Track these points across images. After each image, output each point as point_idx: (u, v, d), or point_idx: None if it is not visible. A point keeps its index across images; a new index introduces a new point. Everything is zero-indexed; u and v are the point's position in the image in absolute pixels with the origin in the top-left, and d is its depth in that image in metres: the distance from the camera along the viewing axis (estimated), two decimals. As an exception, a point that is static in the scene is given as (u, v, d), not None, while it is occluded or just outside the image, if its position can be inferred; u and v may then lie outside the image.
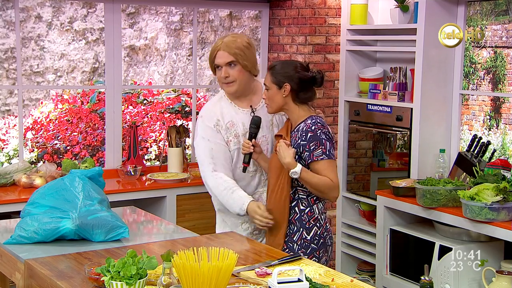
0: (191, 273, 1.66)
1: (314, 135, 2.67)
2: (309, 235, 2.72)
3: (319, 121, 2.72)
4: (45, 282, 2.16)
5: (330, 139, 2.71)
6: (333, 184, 2.67)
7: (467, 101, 5.66)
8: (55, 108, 5.12)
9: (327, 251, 2.77)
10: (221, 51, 2.80)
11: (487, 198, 3.11)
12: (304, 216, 2.73)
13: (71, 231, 2.50)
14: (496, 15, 4.98)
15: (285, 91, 2.71)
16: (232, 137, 2.87)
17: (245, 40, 2.84)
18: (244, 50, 2.80)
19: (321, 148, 2.66)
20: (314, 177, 2.66)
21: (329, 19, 4.41)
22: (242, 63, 2.80)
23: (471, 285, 3.32)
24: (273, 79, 2.72)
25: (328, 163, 2.67)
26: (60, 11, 4.94)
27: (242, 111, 2.89)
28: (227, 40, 2.81)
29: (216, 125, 2.86)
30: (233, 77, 2.80)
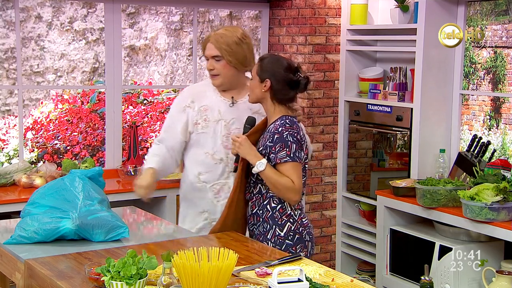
0: (191, 273, 1.66)
1: (280, 137, 2.64)
2: (282, 231, 2.68)
3: (288, 122, 2.67)
4: (45, 282, 2.16)
5: (297, 141, 2.65)
6: (293, 186, 2.62)
7: (467, 101, 5.66)
8: (55, 108, 5.12)
9: (306, 246, 2.72)
10: (210, 43, 2.83)
11: (487, 198, 3.11)
12: (276, 213, 2.70)
13: (71, 231, 2.50)
14: (496, 15, 4.98)
15: (265, 87, 2.69)
16: (202, 120, 2.90)
17: (237, 36, 2.82)
18: (232, 46, 2.80)
19: (286, 150, 2.62)
20: (276, 174, 2.63)
21: (329, 19, 4.41)
22: (227, 58, 2.80)
23: (471, 285, 3.32)
24: (258, 71, 2.71)
25: (292, 166, 2.62)
26: (60, 11, 4.94)
27: (222, 100, 2.91)
28: (218, 33, 2.83)
29: (188, 106, 2.92)
30: (217, 71, 2.83)
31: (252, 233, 2.78)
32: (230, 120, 2.89)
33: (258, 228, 2.74)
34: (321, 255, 4.57)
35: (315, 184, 4.51)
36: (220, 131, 2.88)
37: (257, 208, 2.74)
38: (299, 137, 2.67)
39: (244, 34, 2.88)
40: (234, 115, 2.88)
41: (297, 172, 2.64)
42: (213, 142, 2.89)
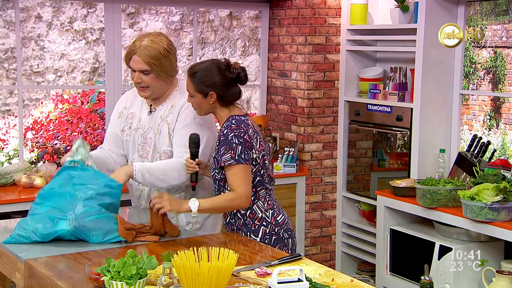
0: (191, 273, 1.66)
1: (225, 139, 2.59)
2: (257, 236, 2.64)
3: (234, 122, 2.61)
4: (45, 282, 2.16)
5: (243, 143, 2.57)
6: (234, 195, 2.56)
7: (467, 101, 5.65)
8: (55, 108, 5.12)
9: (285, 244, 2.68)
10: (136, 56, 2.72)
11: (487, 198, 3.11)
12: (247, 219, 2.66)
13: (68, 232, 2.50)
14: (496, 15, 4.98)
15: (212, 98, 2.63)
16: (127, 128, 2.92)
17: (163, 46, 2.73)
18: (161, 59, 2.72)
19: (230, 153, 2.56)
20: (211, 201, 2.59)
21: (329, 19, 4.41)
22: (156, 72, 2.73)
23: (471, 285, 3.32)
24: (196, 87, 2.63)
25: (237, 169, 2.56)
26: (60, 11, 4.93)
27: (145, 108, 2.90)
28: (144, 45, 2.71)
29: (121, 113, 2.95)
30: (146, 83, 2.76)
31: None
32: (147, 129, 2.86)
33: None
34: (321, 255, 4.57)
35: (315, 184, 4.51)
36: (138, 139, 2.88)
37: (229, 217, 2.72)
38: (247, 137, 2.60)
39: (169, 43, 2.78)
40: (150, 124, 2.86)
41: (241, 176, 2.56)
42: (132, 150, 2.91)
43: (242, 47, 5.11)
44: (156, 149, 2.85)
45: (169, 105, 2.85)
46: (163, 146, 2.83)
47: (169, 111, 2.83)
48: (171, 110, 2.83)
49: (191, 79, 2.65)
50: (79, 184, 2.60)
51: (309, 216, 4.51)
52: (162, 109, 2.85)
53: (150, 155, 2.86)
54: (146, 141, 2.87)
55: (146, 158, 2.87)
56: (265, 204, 2.69)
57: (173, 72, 2.82)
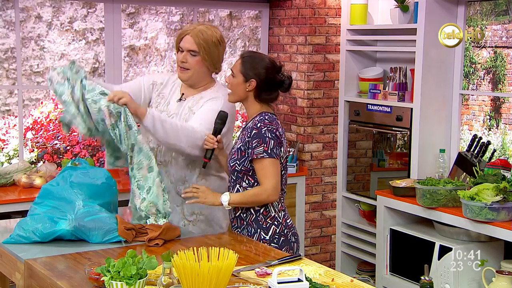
0: (191, 273, 1.66)
1: (258, 132, 2.61)
2: (267, 235, 2.66)
3: (267, 118, 2.65)
4: (45, 282, 2.16)
5: (276, 138, 2.62)
6: (263, 190, 2.60)
7: (467, 101, 5.65)
8: (55, 108, 5.12)
9: (291, 247, 2.70)
10: (189, 36, 2.80)
11: (487, 198, 3.11)
12: (260, 216, 2.68)
13: (68, 232, 2.50)
14: (496, 15, 4.97)
15: (250, 86, 2.66)
16: (155, 106, 2.93)
17: (216, 36, 2.82)
18: (210, 45, 2.79)
19: (263, 146, 2.60)
20: (243, 196, 2.64)
21: (329, 19, 4.41)
22: (203, 55, 2.79)
23: (471, 285, 3.32)
24: (242, 69, 2.66)
25: (268, 162, 2.60)
26: (60, 11, 4.93)
27: (177, 94, 2.92)
28: (199, 28, 2.81)
29: (155, 84, 2.96)
30: (189, 65, 2.81)
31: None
32: (171, 115, 2.88)
33: (242, 232, 2.72)
34: (321, 255, 4.57)
35: (315, 184, 4.51)
36: None
37: (240, 211, 2.72)
38: (278, 134, 2.64)
39: (222, 36, 2.88)
40: (177, 111, 2.88)
41: (271, 170, 2.60)
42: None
43: (242, 47, 5.12)
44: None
45: (199, 97, 2.87)
46: None
47: (196, 102, 2.86)
48: (199, 101, 2.86)
49: (242, 59, 2.70)
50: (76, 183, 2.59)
51: (309, 216, 4.51)
52: (191, 100, 2.88)
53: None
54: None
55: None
56: (279, 204, 2.72)
57: (217, 64, 2.87)
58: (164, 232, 2.53)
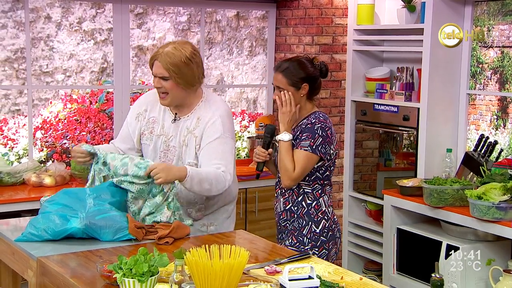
0: (203, 271, 1.68)
1: (311, 127, 2.75)
2: (318, 228, 2.78)
3: (321, 116, 2.80)
4: (57, 279, 2.18)
5: (325, 136, 2.74)
6: (291, 172, 2.72)
7: (474, 101, 5.66)
8: (64, 108, 5.15)
9: (336, 243, 2.83)
10: (157, 62, 2.73)
11: (494, 197, 3.12)
12: (311, 210, 2.79)
13: (79, 230, 2.52)
14: (504, 15, 4.98)
15: (304, 91, 2.79)
16: (148, 132, 2.88)
17: (185, 55, 2.70)
18: (180, 67, 2.70)
19: (310, 141, 2.73)
20: (287, 153, 2.73)
21: (336, 19, 4.43)
22: (174, 79, 2.70)
23: (478, 284, 3.33)
24: (288, 81, 2.77)
25: (306, 156, 2.72)
26: (69, 11, 4.97)
27: (168, 115, 2.87)
28: (166, 51, 2.71)
29: (140, 114, 2.91)
30: (165, 89, 2.75)
31: (285, 228, 2.85)
32: (170, 137, 2.84)
33: (292, 224, 2.81)
34: (328, 254, 4.58)
35: (322, 183, 4.53)
36: (160, 146, 2.86)
37: (291, 204, 2.82)
38: (330, 132, 2.77)
39: (193, 52, 2.76)
40: (174, 133, 2.84)
41: (306, 163, 2.72)
42: (153, 155, 2.88)
43: (249, 47, 5.14)
44: (181, 159, 2.83)
45: (195, 117, 2.82)
46: (188, 158, 2.80)
47: (195, 124, 2.80)
48: (198, 123, 2.80)
49: (283, 73, 2.79)
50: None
51: (316, 215, 4.53)
52: (188, 120, 2.82)
53: (174, 163, 2.84)
54: (169, 149, 2.85)
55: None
56: (329, 200, 2.86)
57: (194, 81, 2.78)
58: (173, 231, 2.55)
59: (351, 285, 2.05)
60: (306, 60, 2.83)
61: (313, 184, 2.80)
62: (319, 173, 2.79)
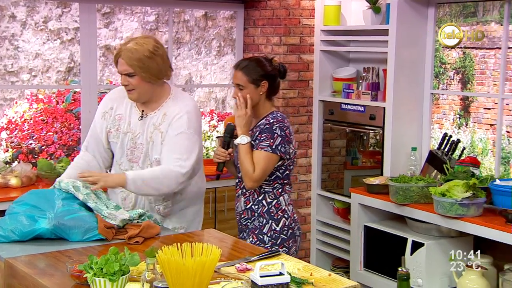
0: (176, 269, 1.69)
1: (270, 127, 2.76)
2: (278, 226, 2.80)
3: (279, 116, 2.81)
4: (26, 281, 2.16)
5: (284, 136, 2.76)
6: (251, 174, 2.72)
7: (437, 100, 5.79)
8: (30, 108, 5.09)
9: (296, 241, 2.85)
10: (121, 59, 2.73)
11: (458, 194, 3.19)
12: (272, 208, 2.81)
13: (48, 230, 2.51)
14: (465, 16, 5.11)
15: (263, 88, 2.80)
16: (114, 129, 2.89)
17: (148, 49, 2.71)
18: (145, 61, 2.70)
19: (270, 141, 2.74)
20: (246, 155, 2.73)
21: (303, 20, 4.48)
22: (140, 74, 2.71)
23: (442, 279, 3.41)
24: (248, 78, 2.79)
25: (266, 156, 2.72)
26: (35, 10, 4.90)
27: (134, 111, 2.87)
28: (129, 47, 2.71)
29: (106, 112, 2.91)
30: (132, 86, 2.75)
31: (245, 227, 2.86)
32: (137, 134, 2.84)
33: (253, 223, 2.83)
34: (296, 252, 4.62)
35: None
36: (127, 143, 2.87)
37: (252, 203, 2.84)
38: (288, 132, 2.79)
39: (156, 45, 2.76)
40: (141, 130, 2.84)
41: (266, 164, 2.73)
42: (120, 153, 2.90)
43: (217, 47, 5.15)
44: (148, 156, 2.83)
45: (161, 113, 2.82)
46: (155, 154, 2.81)
47: (161, 119, 2.80)
48: (164, 118, 2.80)
49: (243, 71, 2.80)
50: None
51: (284, 214, 4.56)
52: (154, 117, 2.82)
53: (141, 161, 2.84)
54: (136, 146, 2.85)
55: (135, 162, 2.86)
56: (289, 198, 2.87)
57: (161, 74, 2.78)
58: (144, 230, 2.55)
59: (320, 281, 2.09)
60: (265, 59, 2.86)
61: (274, 183, 2.82)
62: (279, 172, 2.81)
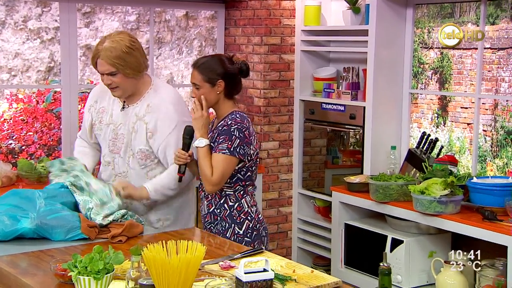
0: (161, 266, 1.71)
1: (227, 129, 2.69)
2: (241, 229, 2.75)
3: (238, 117, 2.73)
4: (9, 280, 2.16)
5: (243, 137, 2.69)
6: (209, 177, 2.67)
7: (416, 100, 5.86)
8: (10, 108, 5.05)
9: (262, 242, 2.79)
10: (100, 60, 2.73)
11: (436, 192, 3.25)
12: (234, 211, 2.75)
13: (30, 230, 2.50)
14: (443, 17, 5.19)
15: (219, 87, 2.73)
16: (98, 122, 2.94)
17: (125, 44, 2.71)
18: (125, 57, 2.71)
19: (228, 143, 2.67)
20: (204, 159, 2.68)
21: (284, 20, 4.51)
22: (123, 71, 2.72)
23: (421, 275, 3.46)
24: (203, 77, 2.71)
25: (224, 159, 2.66)
26: (14, 9, 4.86)
27: (117, 103, 2.90)
28: (106, 47, 2.70)
29: (92, 106, 2.98)
30: (115, 84, 2.77)
31: (209, 231, 2.82)
32: (119, 125, 2.87)
33: (216, 227, 2.78)
34: (277, 251, 4.65)
35: (272, 181, 4.60)
36: (109, 134, 2.90)
37: (214, 207, 2.78)
38: (247, 133, 2.71)
39: (131, 39, 2.76)
40: (123, 120, 2.86)
41: (225, 167, 2.67)
42: (104, 144, 2.94)
43: (198, 47, 5.16)
44: (130, 146, 2.85)
45: (144, 104, 2.84)
46: (139, 145, 2.83)
47: (145, 111, 2.82)
48: (148, 109, 2.82)
49: (198, 69, 2.72)
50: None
51: (265, 213, 4.60)
52: (137, 107, 2.84)
53: (122, 151, 2.88)
54: (117, 137, 2.88)
55: (117, 153, 2.89)
56: (251, 200, 2.80)
57: (141, 67, 2.79)
58: (127, 229, 2.56)
59: (303, 277, 2.12)
60: (225, 57, 2.78)
61: (235, 185, 2.75)
62: (240, 174, 2.75)
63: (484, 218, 3.15)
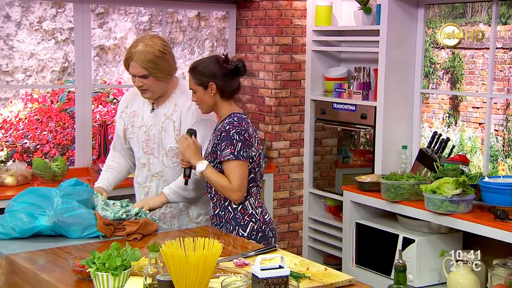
0: (179, 262, 1.74)
1: (226, 135, 2.66)
2: (245, 232, 2.72)
3: (236, 120, 2.69)
4: (28, 276, 2.20)
5: (243, 140, 2.66)
6: (229, 187, 2.65)
7: (427, 99, 5.87)
8: (25, 107, 5.11)
9: (269, 242, 2.76)
10: (133, 62, 2.79)
11: (448, 191, 3.25)
12: (238, 214, 2.73)
13: (47, 228, 2.55)
14: (454, 17, 5.19)
15: (212, 90, 2.70)
16: (130, 126, 2.99)
17: (158, 49, 2.77)
18: (157, 61, 2.77)
19: (230, 149, 2.64)
20: (214, 175, 2.67)
21: (295, 20, 4.53)
22: (154, 75, 2.78)
23: (432, 274, 3.47)
24: (195, 81, 2.70)
25: (234, 164, 2.64)
26: (29, 10, 4.92)
27: (147, 106, 2.97)
28: (139, 50, 2.76)
29: (123, 112, 3.03)
30: (146, 86, 2.83)
31: None
32: (150, 126, 2.94)
33: (221, 229, 2.78)
34: (288, 250, 4.63)
35: (283, 180, 4.62)
36: (141, 136, 2.96)
37: (219, 209, 2.78)
38: (247, 135, 2.69)
39: (163, 44, 2.82)
40: (153, 121, 2.93)
41: (238, 171, 2.65)
42: (137, 147, 2.99)
43: (210, 47, 5.20)
44: (162, 145, 2.92)
45: (172, 104, 2.92)
46: (169, 143, 2.90)
47: (173, 110, 2.91)
48: (175, 108, 2.91)
49: (191, 74, 2.73)
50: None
51: (277, 212, 4.62)
52: (165, 108, 2.92)
53: (156, 151, 2.94)
54: (149, 138, 2.94)
55: (151, 154, 2.95)
56: (256, 201, 2.77)
57: (172, 71, 2.87)
58: (142, 227, 2.60)
59: (317, 275, 2.14)
60: (217, 57, 2.73)
61: None
62: None
63: (495, 217, 3.16)
